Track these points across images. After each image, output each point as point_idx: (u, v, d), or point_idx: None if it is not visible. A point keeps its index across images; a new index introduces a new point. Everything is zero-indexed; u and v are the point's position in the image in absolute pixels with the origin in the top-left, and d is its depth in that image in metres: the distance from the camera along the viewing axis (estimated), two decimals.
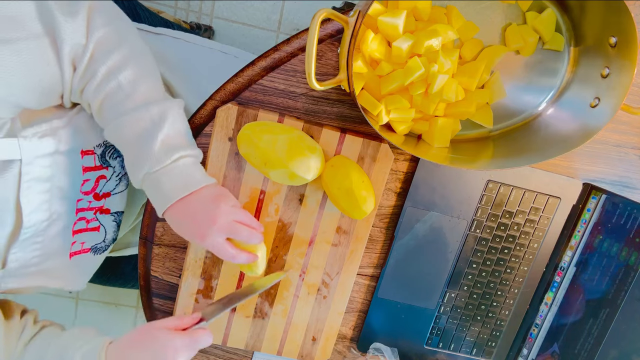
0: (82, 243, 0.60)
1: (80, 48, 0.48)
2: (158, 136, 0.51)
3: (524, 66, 0.60)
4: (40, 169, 0.51)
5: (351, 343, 0.72)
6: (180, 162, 0.53)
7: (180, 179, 0.53)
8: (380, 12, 0.53)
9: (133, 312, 1.53)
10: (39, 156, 0.50)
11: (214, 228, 0.53)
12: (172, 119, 0.53)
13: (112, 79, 0.50)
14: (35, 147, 0.50)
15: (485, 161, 0.58)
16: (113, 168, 0.60)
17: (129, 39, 0.52)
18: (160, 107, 0.52)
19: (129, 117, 0.51)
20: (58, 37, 0.46)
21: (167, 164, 0.52)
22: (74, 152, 0.55)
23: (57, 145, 0.52)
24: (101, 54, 0.50)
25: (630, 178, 0.69)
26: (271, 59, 0.59)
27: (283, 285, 0.65)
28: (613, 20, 0.51)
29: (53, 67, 0.48)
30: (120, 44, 0.51)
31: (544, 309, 0.71)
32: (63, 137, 0.53)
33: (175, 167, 0.52)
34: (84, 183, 0.57)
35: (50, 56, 0.47)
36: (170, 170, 0.52)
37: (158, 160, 0.51)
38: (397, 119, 0.58)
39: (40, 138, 0.50)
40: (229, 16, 1.35)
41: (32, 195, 0.51)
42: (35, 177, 0.51)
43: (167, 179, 0.52)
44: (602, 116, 0.54)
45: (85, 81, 0.50)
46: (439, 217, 0.66)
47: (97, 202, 0.60)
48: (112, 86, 0.51)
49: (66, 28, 0.46)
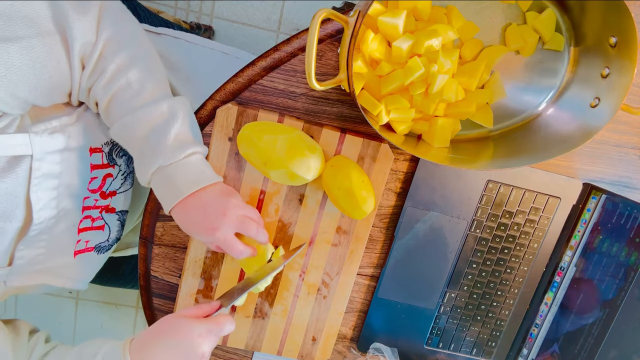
0: (86, 242, 0.61)
1: (90, 46, 0.49)
2: (171, 131, 0.52)
3: (524, 66, 0.60)
4: (50, 165, 0.51)
5: (351, 343, 0.72)
6: (193, 157, 0.54)
7: (193, 174, 0.54)
8: (380, 12, 0.53)
9: (133, 312, 1.53)
10: (50, 152, 0.51)
11: (225, 221, 0.54)
12: (182, 115, 0.53)
13: (121, 76, 0.51)
14: (46, 142, 0.50)
15: (485, 161, 0.58)
16: (119, 166, 0.61)
17: (137, 38, 0.53)
18: (170, 104, 0.53)
19: (139, 113, 0.52)
20: (70, 35, 0.47)
21: (181, 159, 0.53)
22: (83, 149, 0.55)
23: (67, 141, 0.53)
24: (110, 52, 0.50)
25: (630, 178, 0.69)
26: (271, 59, 0.59)
27: (283, 285, 0.65)
28: (613, 20, 0.51)
29: (63, 65, 0.48)
30: (129, 43, 0.51)
31: (544, 309, 0.71)
32: (73, 134, 0.53)
33: (188, 162, 0.53)
34: (91, 181, 0.57)
35: (60, 54, 0.47)
36: (184, 165, 0.53)
37: (172, 154, 0.52)
38: (397, 119, 0.58)
39: (50, 134, 0.51)
40: (229, 16, 1.35)
41: (41, 191, 0.51)
42: (45, 173, 0.51)
43: (181, 173, 0.53)
44: (602, 116, 0.54)
45: (93, 79, 0.51)
46: (439, 217, 0.66)
47: (104, 200, 0.60)
48: (121, 84, 0.51)
49: (78, 26, 0.47)
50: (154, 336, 0.53)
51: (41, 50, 0.45)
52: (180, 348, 0.52)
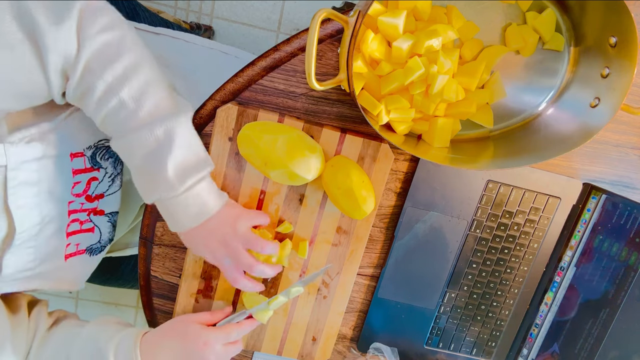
0: (77, 244, 0.59)
1: (72, 57, 0.44)
2: (168, 161, 0.48)
3: (524, 66, 0.60)
4: (27, 173, 0.49)
5: (351, 343, 0.72)
6: (194, 189, 0.51)
7: (193, 209, 0.51)
8: (380, 12, 0.53)
9: (133, 312, 1.53)
10: (26, 161, 0.49)
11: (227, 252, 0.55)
12: (180, 138, 0.49)
13: (112, 96, 0.47)
14: (21, 152, 0.48)
15: (485, 161, 0.58)
16: (105, 169, 0.59)
17: (129, 46, 0.48)
18: (166, 126, 0.48)
19: (133, 137, 0.48)
20: (42, 44, 0.42)
21: (180, 193, 0.50)
22: (62, 156, 0.53)
23: (44, 149, 0.50)
24: (98, 66, 0.45)
25: (630, 178, 0.69)
26: (271, 59, 0.59)
27: (283, 285, 0.65)
28: (613, 20, 0.50)
29: (36, 76, 0.44)
30: (120, 54, 0.46)
31: (544, 309, 0.71)
32: (51, 141, 0.51)
33: (189, 196, 0.51)
34: (74, 185, 0.56)
35: (32, 64, 0.43)
36: (184, 200, 0.51)
37: (171, 187, 0.49)
38: (397, 119, 0.58)
39: (27, 143, 0.48)
40: (229, 16, 1.35)
41: (20, 200, 0.49)
42: (22, 181, 0.49)
43: (181, 208, 0.51)
44: (602, 116, 0.54)
45: (81, 92, 0.47)
46: (439, 217, 0.66)
47: (90, 203, 0.59)
48: (113, 104, 0.47)
49: (51, 36, 0.42)
50: (164, 336, 0.56)
51: (8, 62, 0.42)
52: (184, 353, 0.56)
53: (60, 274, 0.59)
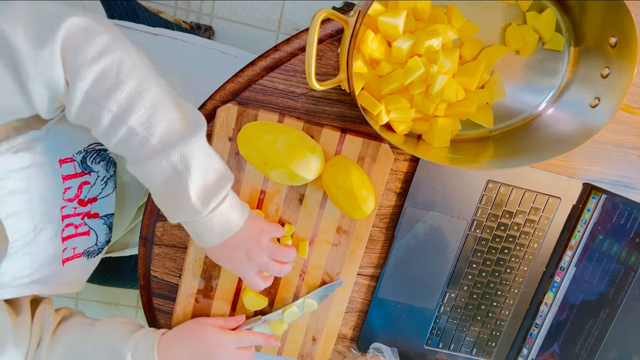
0: (73, 248, 0.59)
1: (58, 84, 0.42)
2: (189, 187, 0.47)
3: (524, 66, 0.60)
4: (16, 182, 0.48)
5: (351, 343, 0.72)
6: (218, 210, 0.50)
7: (218, 228, 0.52)
8: (380, 12, 0.53)
9: (133, 312, 1.53)
10: (14, 170, 0.48)
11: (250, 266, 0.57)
12: (197, 160, 0.47)
13: (121, 125, 0.44)
14: (8, 162, 0.47)
15: (485, 161, 0.58)
16: (97, 173, 0.58)
17: (130, 69, 0.44)
18: (181, 151, 0.46)
19: (149, 163, 0.46)
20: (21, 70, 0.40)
21: (205, 215, 0.49)
22: (51, 163, 0.52)
23: (32, 158, 0.49)
24: (100, 96, 0.43)
25: (630, 178, 0.69)
26: (271, 59, 0.59)
27: (283, 285, 0.65)
28: (613, 20, 0.51)
29: (19, 100, 0.42)
30: (121, 81, 0.43)
31: (544, 309, 0.71)
32: (39, 149, 0.50)
33: (213, 216, 0.50)
34: (65, 191, 0.55)
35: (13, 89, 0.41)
36: (209, 221, 0.50)
37: (195, 212, 0.49)
38: (397, 119, 0.58)
39: (14, 153, 0.47)
40: (229, 16, 1.35)
41: (10, 208, 0.49)
42: (11, 190, 0.48)
43: (207, 228, 0.51)
44: (602, 116, 0.54)
45: (86, 120, 0.45)
46: (439, 217, 0.66)
47: (83, 207, 0.58)
48: (122, 133, 0.45)
49: (29, 60, 0.39)
50: (180, 336, 0.59)
51: None
52: (199, 353, 0.58)
53: (59, 278, 0.58)
